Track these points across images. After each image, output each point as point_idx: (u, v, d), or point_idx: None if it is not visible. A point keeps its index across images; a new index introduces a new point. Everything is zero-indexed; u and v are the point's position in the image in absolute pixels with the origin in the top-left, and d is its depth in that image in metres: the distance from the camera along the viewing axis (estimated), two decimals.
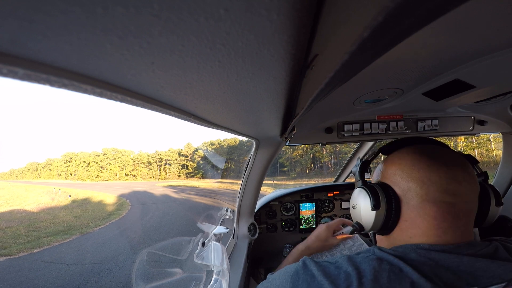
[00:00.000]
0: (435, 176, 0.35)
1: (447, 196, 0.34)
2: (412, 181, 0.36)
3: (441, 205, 0.34)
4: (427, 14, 0.10)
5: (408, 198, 0.36)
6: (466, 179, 0.35)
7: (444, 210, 0.34)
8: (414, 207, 0.36)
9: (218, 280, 0.62)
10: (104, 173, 54.05)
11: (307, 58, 0.20)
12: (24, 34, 0.12)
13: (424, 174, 0.35)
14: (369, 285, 0.30)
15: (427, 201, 0.35)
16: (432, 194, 0.34)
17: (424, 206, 0.35)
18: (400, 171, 0.38)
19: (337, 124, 0.80)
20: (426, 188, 0.35)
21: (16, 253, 5.57)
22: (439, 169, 0.35)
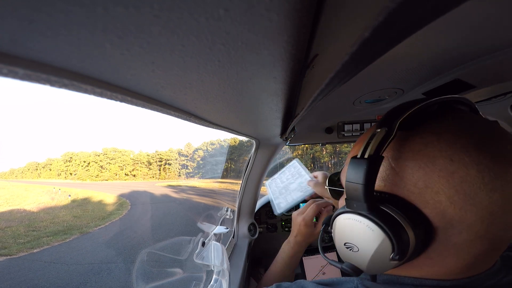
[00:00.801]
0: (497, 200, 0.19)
1: (504, 231, 0.20)
2: (473, 210, 0.19)
3: (488, 242, 0.21)
4: (427, 14, 0.10)
5: (450, 234, 0.21)
6: None
7: (495, 247, 0.22)
8: (454, 246, 0.21)
9: (218, 280, 0.62)
10: (104, 173, 54.05)
11: (307, 58, 0.20)
12: (24, 34, 0.12)
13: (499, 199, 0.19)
14: None
15: (483, 239, 0.20)
16: (496, 229, 0.20)
17: (473, 245, 0.21)
18: (449, 187, 0.20)
19: (337, 124, 0.80)
20: (492, 221, 0.20)
21: (16, 253, 5.58)
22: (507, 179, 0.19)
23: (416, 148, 0.22)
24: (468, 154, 0.19)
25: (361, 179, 0.21)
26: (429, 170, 0.21)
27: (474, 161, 0.19)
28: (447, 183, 0.20)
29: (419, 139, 0.22)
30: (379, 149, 0.22)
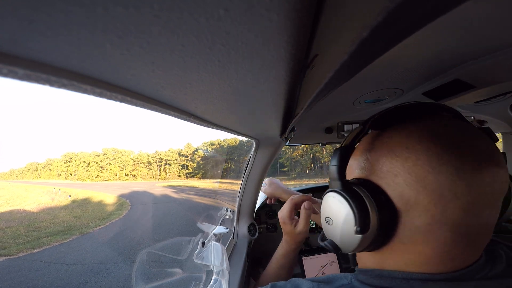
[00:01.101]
0: (461, 186, 0.21)
1: (472, 217, 0.22)
2: (424, 191, 0.22)
3: (459, 229, 0.23)
4: (427, 14, 0.10)
5: (411, 216, 0.23)
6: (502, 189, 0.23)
7: (462, 234, 0.23)
8: (418, 229, 0.24)
9: (218, 280, 0.62)
10: (104, 173, 54.04)
11: (307, 58, 0.20)
12: (24, 34, 0.12)
13: (446, 182, 0.21)
14: None
15: (440, 224, 0.23)
16: (452, 214, 0.22)
17: (433, 230, 0.23)
18: (404, 170, 0.23)
19: (337, 124, 0.80)
20: (445, 205, 0.22)
21: (16, 253, 5.57)
22: (474, 173, 0.21)
23: (384, 141, 0.26)
24: (421, 143, 0.23)
25: (336, 162, 0.27)
26: (389, 157, 0.25)
27: (424, 149, 0.23)
28: (402, 167, 0.24)
29: (387, 135, 0.27)
30: (353, 142, 0.28)
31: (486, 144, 0.23)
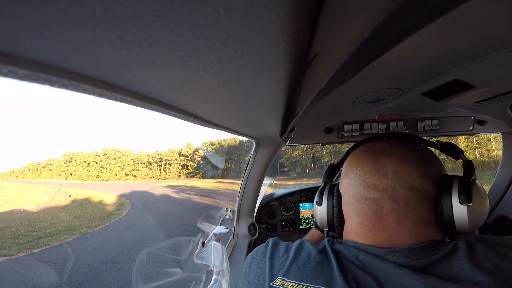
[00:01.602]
0: (360, 170, 0.34)
1: (368, 191, 0.32)
2: (346, 177, 0.37)
3: (362, 200, 0.33)
4: (427, 14, 0.10)
5: (344, 195, 0.37)
6: (397, 172, 0.31)
7: (366, 207, 0.32)
8: (345, 204, 0.37)
9: (218, 280, 0.62)
10: (104, 173, 54.03)
11: (307, 58, 0.20)
12: (24, 34, 0.12)
13: (352, 169, 0.35)
14: (293, 272, 0.32)
15: (352, 197, 0.34)
16: (356, 189, 0.34)
17: (350, 202, 0.35)
18: (344, 169, 0.39)
19: (337, 124, 0.80)
20: (352, 183, 0.35)
21: (15, 253, 5.57)
22: (366, 161, 0.34)
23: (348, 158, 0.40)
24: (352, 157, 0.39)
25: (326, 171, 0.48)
26: (344, 166, 0.40)
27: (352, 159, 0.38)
28: (344, 169, 0.39)
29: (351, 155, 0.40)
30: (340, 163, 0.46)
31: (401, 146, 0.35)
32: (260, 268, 0.35)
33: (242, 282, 0.38)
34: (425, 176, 0.32)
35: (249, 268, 0.37)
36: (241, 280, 0.38)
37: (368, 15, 0.11)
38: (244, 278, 0.37)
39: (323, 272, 0.30)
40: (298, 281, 0.31)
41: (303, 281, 0.30)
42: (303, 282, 0.30)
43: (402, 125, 0.78)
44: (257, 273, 0.35)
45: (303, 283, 0.30)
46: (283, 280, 0.32)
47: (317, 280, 0.30)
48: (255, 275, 0.35)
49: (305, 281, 0.30)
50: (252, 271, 0.36)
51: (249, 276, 0.36)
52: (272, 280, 0.32)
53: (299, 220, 1.25)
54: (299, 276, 0.31)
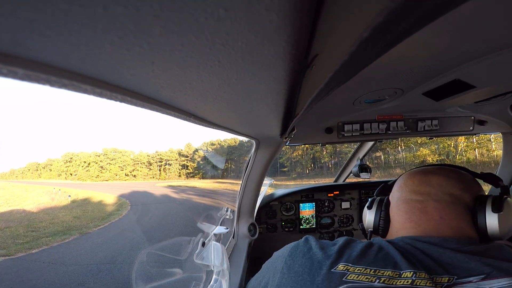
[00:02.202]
0: (410, 182, 0.45)
1: (414, 195, 0.42)
2: (396, 188, 0.47)
3: (409, 202, 0.42)
4: (427, 14, 0.10)
5: (393, 202, 0.47)
6: (440, 184, 0.41)
7: (413, 206, 0.42)
8: (393, 207, 0.46)
9: (218, 280, 0.62)
10: (104, 173, 54.00)
11: (307, 58, 0.20)
12: (24, 34, 0.12)
13: (403, 182, 0.46)
14: (355, 259, 0.34)
15: (401, 200, 0.44)
16: (405, 194, 0.44)
17: (398, 204, 0.45)
18: (395, 185, 0.49)
19: (337, 124, 0.80)
20: (401, 191, 0.45)
21: (15, 254, 5.56)
22: (415, 176, 0.44)
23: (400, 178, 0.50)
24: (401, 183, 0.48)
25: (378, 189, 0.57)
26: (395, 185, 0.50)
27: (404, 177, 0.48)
28: (396, 185, 0.49)
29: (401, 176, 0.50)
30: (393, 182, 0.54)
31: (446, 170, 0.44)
32: (310, 259, 0.37)
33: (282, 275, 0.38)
34: (465, 189, 0.40)
35: (292, 260, 0.38)
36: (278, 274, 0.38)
37: (368, 15, 0.11)
38: (286, 271, 0.37)
39: (386, 258, 0.34)
40: (365, 266, 0.33)
41: (370, 266, 0.33)
42: (370, 266, 0.33)
43: (402, 125, 0.78)
44: (307, 263, 0.36)
45: (371, 267, 0.33)
46: (347, 265, 0.34)
47: (383, 265, 0.33)
48: (303, 265, 0.36)
49: (372, 265, 0.33)
50: (297, 262, 0.37)
51: (294, 267, 0.37)
52: (334, 267, 0.34)
53: (299, 220, 1.25)
54: (363, 262, 0.34)
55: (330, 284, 0.32)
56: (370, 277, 0.32)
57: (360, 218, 1.28)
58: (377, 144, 1.33)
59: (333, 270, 0.33)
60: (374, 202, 0.50)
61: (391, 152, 15.04)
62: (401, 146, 14.68)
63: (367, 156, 1.47)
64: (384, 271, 0.32)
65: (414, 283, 0.30)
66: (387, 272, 0.32)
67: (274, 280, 0.38)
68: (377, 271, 0.32)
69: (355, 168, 1.25)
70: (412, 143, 13.72)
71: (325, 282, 0.32)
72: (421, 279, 0.30)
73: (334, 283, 0.32)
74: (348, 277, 0.32)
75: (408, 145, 14.27)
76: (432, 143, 12.85)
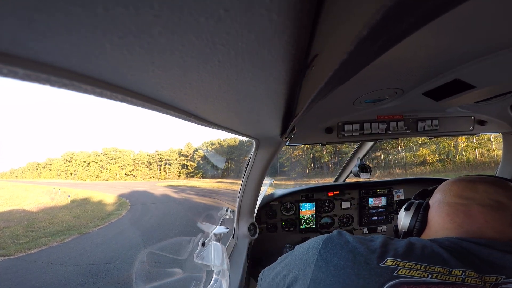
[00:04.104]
0: (454, 187, 0.45)
1: (459, 199, 0.42)
2: (439, 192, 0.48)
3: (453, 205, 0.42)
4: (427, 13, 0.10)
5: (433, 204, 0.47)
6: (486, 190, 0.41)
7: (456, 209, 0.41)
8: (435, 209, 0.46)
9: (218, 280, 0.62)
10: (104, 173, 53.98)
11: (307, 58, 0.20)
12: (24, 34, 0.12)
13: (447, 187, 0.46)
14: (402, 254, 0.34)
15: (443, 203, 0.44)
16: (448, 198, 0.44)
17: (440, 206, 0.45)
18: (438, 190, 0.49)
19: (337, 124, 0.80)
20: (445, 195, 0.45)
21: (14, 254, 5.55)
22: (461, 183, 0.44)
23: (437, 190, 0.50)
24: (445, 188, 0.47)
25: (417, 193, 0.56)
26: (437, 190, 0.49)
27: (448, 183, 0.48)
28: (438, 190, 0.48)
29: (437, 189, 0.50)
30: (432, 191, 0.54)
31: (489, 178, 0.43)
32: (351, 252, 0.35)
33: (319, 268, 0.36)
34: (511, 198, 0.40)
35: (328, 253, 0.36)
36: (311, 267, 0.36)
37: (367, 15, 0.11)
38: (323, 264, 0.36)
39: (433, 256, 0.33)
40: (415, 261, 0.32)
41: (419, 261, 0.32)
42: (420, 262, 0.32)
43: (402, 125, 0.78)
44: (348, 256, 0.35)
45: (421, 263, 0.32)
46: (396, 260, 0.33)
47: (432, 261, 0.32)
48: (343, 258, 0.35)
49: (421, 261, 0.32)
50: (335, 255, 0.36)
51: (333, 260, 0.35)
52: (381, 261, 0.33)
53: (299, 220, 1.25)
54: (412, 258, 0.33)
55: (379, 279, 0.31)
56: (422, 272, 0.31)
57: (360, 218, 1.28)
58: (377, 144, 1.33)
59: (381, 264, 0.33)
60: (412, 204, 0.50)
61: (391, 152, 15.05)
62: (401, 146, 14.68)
63: (367, 156, 1.48)
64: (435, 267, 0.32)
65: (464, 280, 0.30)
66: (438, 268, 0.32)
67: (307, 273, 0.36)
68: (427, 267, 0.32)
69: (355, 168, 1.25)
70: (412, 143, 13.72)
71: (373, 276, 0.32)
72: (471, 278, 0.31)
73: (384, 278, 0.31)
74: (399, 272, 0.32)
75: (408, 145, 14.27)
76: (432, 143, 12.86)
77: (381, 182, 1.32)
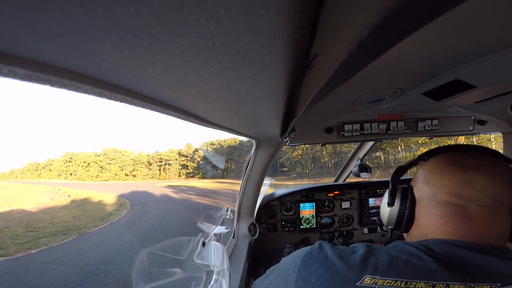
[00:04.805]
0: (446, 180, 0.37)
1: (454, 198, 0.36)
2: (426, 184, 0.39)
3: (447, 205, 0.36)
4: (427, 13, 0.10)
5: (421, 200, 0.40)
6: (485, 185, 0.34)
7: (452, 211, 0.36)
8: (423, 207, 0.40)
9: (218, 280, 0.62)
10: (104, 173, 53.99)
11: (307, 58, 0.20)
12: (24, 34, 0.12)
13: (436, 178, 0.39)
14: (384, 270, 0.31)
15: (434, 202, 0.38)
16: (440, 196, 0.37)
17: (431, 206, 0.38)
18: (422, 176, 0.41)
19: (337, 124, 0.80)
20: (435, 190, 0.38)
21: (14, 254, 5.55)
22: (453, 173, 0.37)
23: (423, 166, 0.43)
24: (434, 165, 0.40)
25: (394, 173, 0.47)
26: (421, 172, 0.42)
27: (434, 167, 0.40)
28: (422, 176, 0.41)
29: (425, 163, 0.43)
30: (408, 166, 0.48)
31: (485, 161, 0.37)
32: (328, 270, 0.33)
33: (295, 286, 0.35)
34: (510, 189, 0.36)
35: (307, 271, 0.35)
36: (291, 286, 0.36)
37: (367, 15, 0.11)
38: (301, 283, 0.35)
39: (418, 266, 0.31)
40: (394, 277, 0.30)
41: (400, 277, 0.30)
42: (400, 278, 0.30)
43: (403, 125, 0.78)
44: (325, 275, 0.33)
45: (401, 279, 0.30)
46: (374, 278, 0.31)
47: (415, 275, 0.30)
48: (321, 277, 0.33)
49: (403, 276, 0.30)
50: (313, 273, 0.34)
51: (311, 280, 0.34)
52: (359, 280, 0.31)
53: (300, 220, 1.25)
54: (392, 273, 0.31)
55: None
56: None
57: (360, 218, 1.29)
58: (377, 144, 1.33)
59: (358, 284, 0.30)
60: (396, 194, 0.43)
61: (391, 152, 15.05)
62: (401, 146, 14.69)
63: (367, 156, 1.48)
64: (416, 283, 0.30)
65: None
66: (420, 284, 0.30)
67: None
68: (408, 283, 0.30)
69: (355, 168, 1.25)
70: (412, 143, 13.73)
71: None
72: None
73: None
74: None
75: (408, 145, 14.28)
76: (432, 143, 12.86)
77: (381, 182, 1.32)
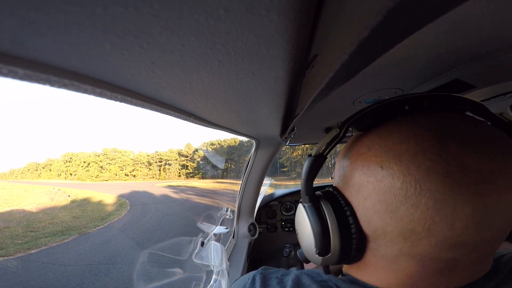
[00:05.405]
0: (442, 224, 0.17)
1: (450, 251, 0.17)
2: (393, 224, 0.18)
3: (429, 263, 0.19)
4: (427, 13, 0.10)
5: (378, 244, 0.20)
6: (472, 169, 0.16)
7: (432, 269, 0.19)
8: (383, 258, 0.21)
9: (218, 280, 0.62)
10: (104, 173, 53.99)
11: (307, 58, 0.20)
12: (24, 34, 0.12)
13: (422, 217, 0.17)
14: None
15: (408, 257, 0.19)
16: (425, 250, 0.18)
17: (399, 261, 0.20)
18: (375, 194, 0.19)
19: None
20: (416, 241, 0.18)
21: (13, 254, 5.55)
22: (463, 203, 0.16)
23: (361, 150, 0.21)
24: (399, 163, 0.18)
25: (304, 174, 0.24)
26: (363, 173, 0.20)
27: (402, 172, 0.17)
28: (373, 191, 0.19)
29: (367, 141, 0.21)
30: (325, 150, 0.23)
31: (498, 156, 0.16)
32: None
33: None
34: None
35: None
36: None
37: (368, 15, 0.11)
38: None
39: None
40: None
41: None
42: None
43: None
44: None
45: None
46: None
47: None
48: None
49: None
50: None
51: None
52: None
53: None
54: None
55: None
56: None
57: None
58: None
59: None
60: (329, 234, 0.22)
61: None
62: None
63: None
64: None
65: None
66: None
67: None
68: None
69: None
70: None
71: None
72: None
73: None
74: None
75: None
76: None
77: None
